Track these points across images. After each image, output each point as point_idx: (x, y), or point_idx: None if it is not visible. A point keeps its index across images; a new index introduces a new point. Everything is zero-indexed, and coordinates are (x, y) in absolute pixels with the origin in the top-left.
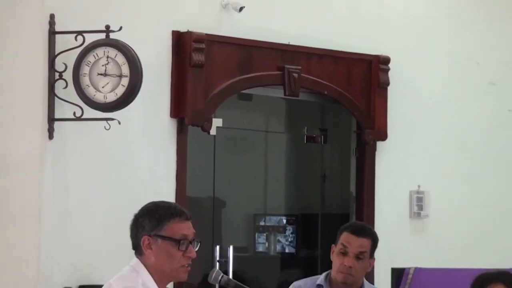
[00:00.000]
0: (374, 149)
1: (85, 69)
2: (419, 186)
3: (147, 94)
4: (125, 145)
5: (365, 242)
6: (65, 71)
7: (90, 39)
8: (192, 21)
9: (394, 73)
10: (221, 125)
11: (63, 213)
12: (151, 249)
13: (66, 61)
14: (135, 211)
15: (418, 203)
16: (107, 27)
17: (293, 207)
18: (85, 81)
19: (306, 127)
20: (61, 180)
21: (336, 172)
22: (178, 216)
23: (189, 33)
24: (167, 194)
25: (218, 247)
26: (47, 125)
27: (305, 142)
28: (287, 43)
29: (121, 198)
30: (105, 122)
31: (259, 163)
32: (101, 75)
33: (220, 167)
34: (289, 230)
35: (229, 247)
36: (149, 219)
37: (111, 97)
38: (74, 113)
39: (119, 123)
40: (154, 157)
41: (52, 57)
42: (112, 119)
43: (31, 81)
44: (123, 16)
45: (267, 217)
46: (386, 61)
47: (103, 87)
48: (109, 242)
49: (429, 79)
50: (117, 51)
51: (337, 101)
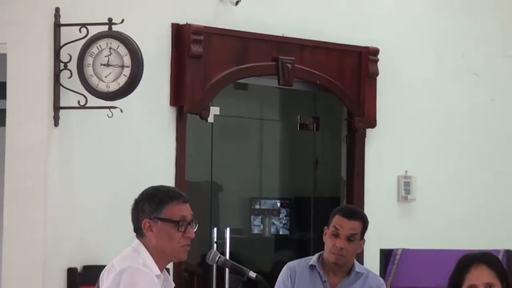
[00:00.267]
0: (363, 136)
1: (89, 60)
2: (406, 171)
3: (148, 83)
4: (127, 132)
5: (356, 224)
6: (69, 61)
7: (93, 31)
8: (190, 14)
9: (383, 64)
10: (218, 113)
11: (68, 196)
12: (152, 231)
13: (70, 52)
14: (136, 195)
15: (405, 188)
16: (110, 19)
17: (287, 191)
18: (89, 71)
19: (299, 115)
20: (66, 165)
21: (327, 157)
22: (176, 199)
23: (188, 26)
24: (167, 178)
25: (215, 229)
26: (52, 113)
27: (298, 129)
28: (281, 35)
29: (123, 182)
30: (108, 110)
31: (254, 149)
32: (104, 65)
33: (217, 153)
34: (283, 213)
35: (226, 229)
36: (149, 203)
37: (114, 87)
38: (78, 102)
39: (121, 111)
40: (154, 144)
41: (57, 48)
42: (114, 107)
43: (38, 71)
44: (125, 9)
45: (262, 201)
46: (375, 52)
47: (106, 77)
48: (112, 224)
49: (416, 70)
50: (119, 42)
51: (329, 90)
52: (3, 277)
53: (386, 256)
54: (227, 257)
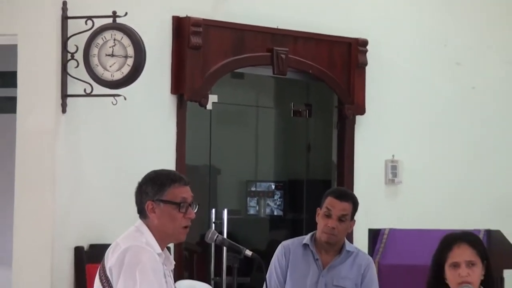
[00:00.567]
0: (353, 122)
1: (94, 50)
2: (393, 155)
3: (150, 72)
4: (130, 118)
5: (347, 206)
6: (76, 52)
7: (98, 23)
8: (190, 7)
9: (371, 55)
10: (216, 100)
11: (75, 179)
12: (155, 212)
13: (77, 43)
14: (139, 177)
15: (392, 171)
16: (114, 12)
17: (281, 174)
18: (94, 61)
19: (292, 103)
20: (73, 149)
21: (319, 143)
22: (177, 182)
23: (187, 18)
24: (168, 162)
25: (213, 210)
26: (60, 101)
27: (292, 116)
28: (276, 27)
29: (127, 165)
30: (112, 98)
31: (250, 134)
32: (109, 55)
33: (215, 138)
34: (278, 194)
35: (224, 210)
36: (152, 186)
37: (118, 76)
38: (84, 90)
39: (125, 99)
40: (156, 130)
41: (64, 39)
42: (118, 95)
43: (46, 61)
44: (128, 2)
45: (258, 183)
46: (364, 43)
47: (110, 67)
48: (116, 205)
49: (402, 60)
50: (123, 34)
51: (321, 79)
52: (14, 255)
53: (374, 235)
54: (225, 236)
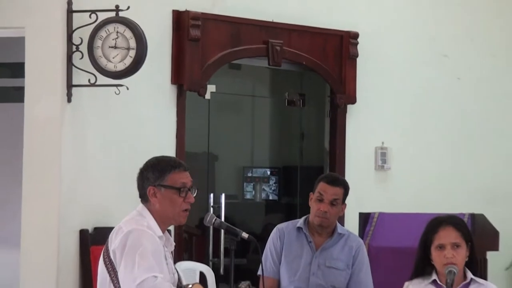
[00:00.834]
0: (345, 111)
1: (98, 43)
2: (383, 142)
3: (151, 64)
4: (132, 107)
5: (338, 190)
6: (81, 44)
7: (102, 17)
8: (189, 2)
9: (362, 47)
10: (214, 90)
11: (80, 165)
12: (156, 197)
13: (82, 35)
14: (141, 164)
15: (382, 157)
16: (117, 6)
17: (276, 161)
18: (98, 52)
19: (287, 93)
20: (78, 137)
21: (312, 131)
22: (177, 167)
23: (187, 12)
24: (168, 149)
25: (212, 195)
26: (66, 90)
27: (286, 105)
28: (271, 20)
29: (129, 152)
30: (115, 87)
31: (247, 123)
32: (112, 47)
33: (213, 126)
34: (273, 180)
35: (221, 195)
36: (153, 172)
37: (121, 67)
38: (89, 80)
39: (127, 89)
40: (157, 118)
41: (70, 32)
42: (121, 85)
43: (52, 52)
44: None
45: (254, 169)
46: (355, 36)
47: (113, 58)
48: (119, 189)
49: (392, 52)
50: (125, 27)
51: (314, 70)
52: (22, 238)
53: (364, 219)
54: (223, 219)
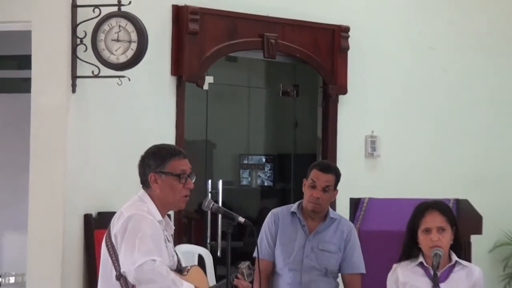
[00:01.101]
0: (336, 101)
1: (101, 36)
2: (372, 131)
3: (152, 56)
4: (134, 97)
5: (330, 177)
6: (85, 37)
7: (105, 11)
8: None
9: (353, 40)
10: (212, 81)
11: (84, 152)
12: (157, 183)
13: (85, 29)
14: (142, 151)
15: (371, 145)
16: (119, 1)
17: (271, 148)
18: (101, 45)
19: (281, 84)
20: (82, 126)
21: (305, 120)
22: (177, 155)
23: (186, 7)
24: (168, 137)
25: (210, 181)
26: (70, 81)
27: (281, 95)
28: (266, 15)
29: (131, 140)
30: (117, 79)
31: (243, 112)
32: (114, 40)
33: (211, 115)
34: (268, 167)
35: (219, 181)
36: (154, 159)
37: (123, 59)
38: (92, 72)
39: (129, 80)
40: (157, 108)
41: (74, 26)
42: (123, 77)
43: (58, 45)
44: None
45: (250, 157)
46: (346, 30)
47: (116, 51)
48: (121, 176)
49: (381, 45)
50: (127, 21)
51: (307, 62)
52: (29, 222)
53: (355, 204)
54: (220, 204)
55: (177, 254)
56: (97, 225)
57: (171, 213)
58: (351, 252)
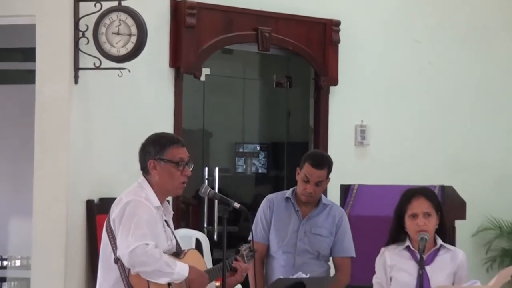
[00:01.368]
0: (327, 92)
1: (102, 29)
2: (362, 121)
3: (151, 49)
4: (134, 88)
5: (323, 173)
6: (87, 31)
7: (106, 6)
8: None
9: (343, 33)
10: (209, 73)
11: (87, 141)
12: (156, 170)
13: (87, 23)
14: (142, 139)
15: (361, 134)
16: None
17: (265, 137)
18: (102, 38)
19: (275, 75)
20: (84, 115)
21: (298, 110)
22: (176, 143)
23: (184, 2)
24: (167, 126)
25: (206, 168)
26: (73, 73)
27: (274, 86)
28: (260, 9)
29: (131, 129)
30: (118, 70)
31: (238, 103)
32: (115, 34)
33: (208, 106)
34: (262, 155)
35: (215, 168)
36: (153, 147)
37: (123, 51)
38: (94, 64)
39: (129, 71)
40: (156, 98)
41: (76, 20)
42: (123, 68)
43: (61, 38)
44: None
45: (245, 145)
46: (337, 24)
47: (116, 43)
48: (122, 163)
49: (370, 38)
50: (127, 15)
51: (299, 55)
52: (34, 207)
53: (345, 190)
54: (216, 191)
55: (176, 238)
56: (99, 211)
57: (170, 199)
58: (342, 236)
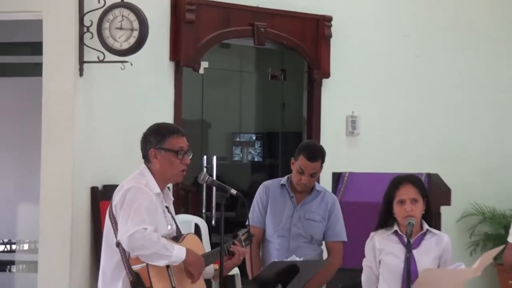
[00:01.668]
0: (320, 84)
1: (106, 25)
2: (353, 112)
3: (152, 43)
4: (136, 81)
5: (317, 165)
6: (91, 26)
7: (109, 2)
8: None
9: (335, 28)
10: (207, 66)
11: (91, 130)
12: (157, 158)
13: (92, 18)
14: (144, 129)
15: (352, 125)
16: None
17: (261, 127)
18: (106, 33)
19: (270, 68)
20: (89, 106)
21: (292, 101)
22: (175, 133)
23: None
24: (168, 117)
25: (205, 157)
26: (78, 66)
27: (270, 79)
28: (256, 5)
29: (133, 119)
30: (121, 64)
31: (235, 94)
32: (118, 29)
33: (206, 97)
34: (258, 144)
35: (213, 157)
36: (154, 136)
37: (125, 45)
38: (98, 57)
39: (131, 65)
40: (157, 90)
41: (81, 15)
42: (126, 62)
43: (66, 33)
44: None
45: (241, 135)
46: (329, 19)
47: (119, 38)
48: (124, 152)
49: (361, 33)
50: (129, 11)
51: (294, 49)
52: (41, 194)
53: (337, 177)
54: (214, 178)
55: (176, 223)
56: (102, 197)
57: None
58: (334, 222)
